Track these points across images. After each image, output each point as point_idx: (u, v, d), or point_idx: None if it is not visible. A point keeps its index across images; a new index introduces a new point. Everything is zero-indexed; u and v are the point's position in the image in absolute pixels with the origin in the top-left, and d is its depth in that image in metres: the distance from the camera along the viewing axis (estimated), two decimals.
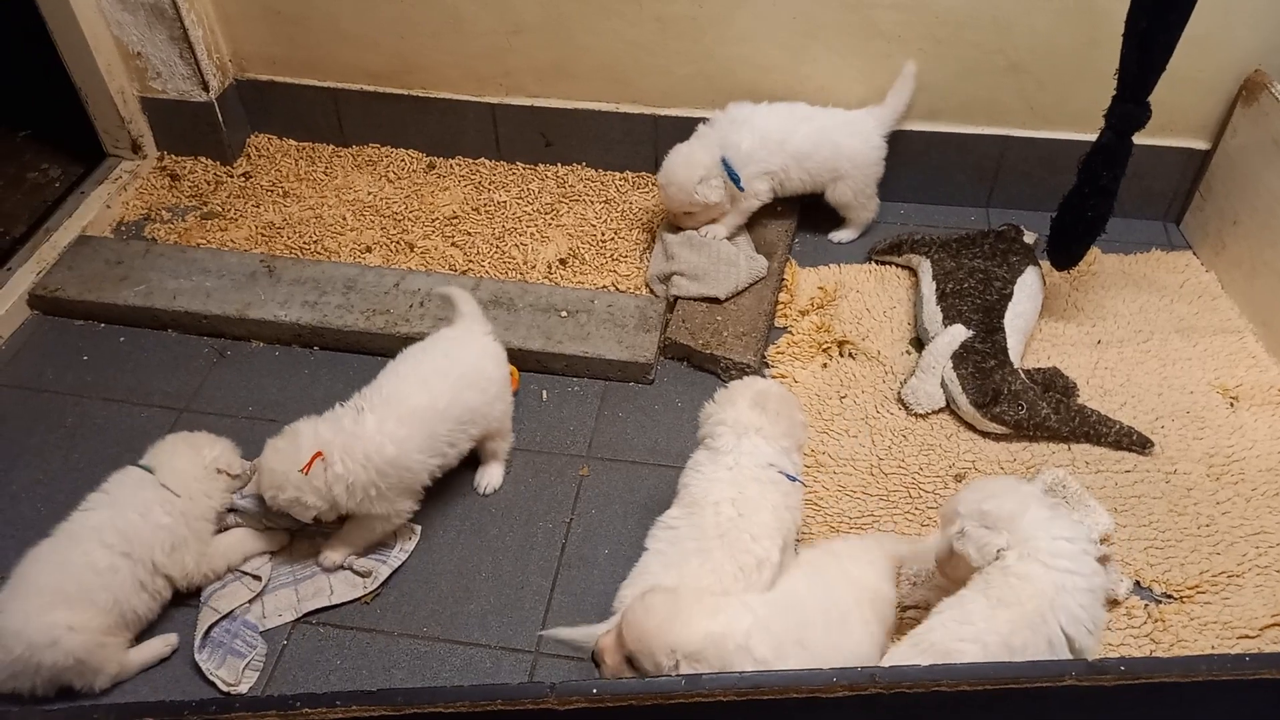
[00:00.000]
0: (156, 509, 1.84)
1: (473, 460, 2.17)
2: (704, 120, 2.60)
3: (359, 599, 1.93)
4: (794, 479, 1.82)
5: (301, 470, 1.81)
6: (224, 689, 1.77)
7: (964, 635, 1.55)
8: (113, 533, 1.79)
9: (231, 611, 1.87)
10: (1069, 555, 1.58)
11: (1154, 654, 1.79)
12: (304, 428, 1.88)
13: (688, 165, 2.48)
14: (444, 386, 1.94)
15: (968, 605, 1.58)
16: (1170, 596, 1.90)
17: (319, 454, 1.81)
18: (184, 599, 1.91)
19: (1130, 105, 2.09)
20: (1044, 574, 1.56)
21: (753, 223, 2.66)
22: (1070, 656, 1.60)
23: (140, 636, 1.84)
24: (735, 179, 2.50)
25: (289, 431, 1.88)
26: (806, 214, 2.77)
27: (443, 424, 1.92)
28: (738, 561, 1.69)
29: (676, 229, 2.61)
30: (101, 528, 1.80)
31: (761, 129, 2.51)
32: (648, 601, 1.54)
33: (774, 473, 1.79)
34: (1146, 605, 1.88)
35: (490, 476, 2.13)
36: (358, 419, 1.87)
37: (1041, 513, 1.62)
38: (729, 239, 2.58)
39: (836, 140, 2.56)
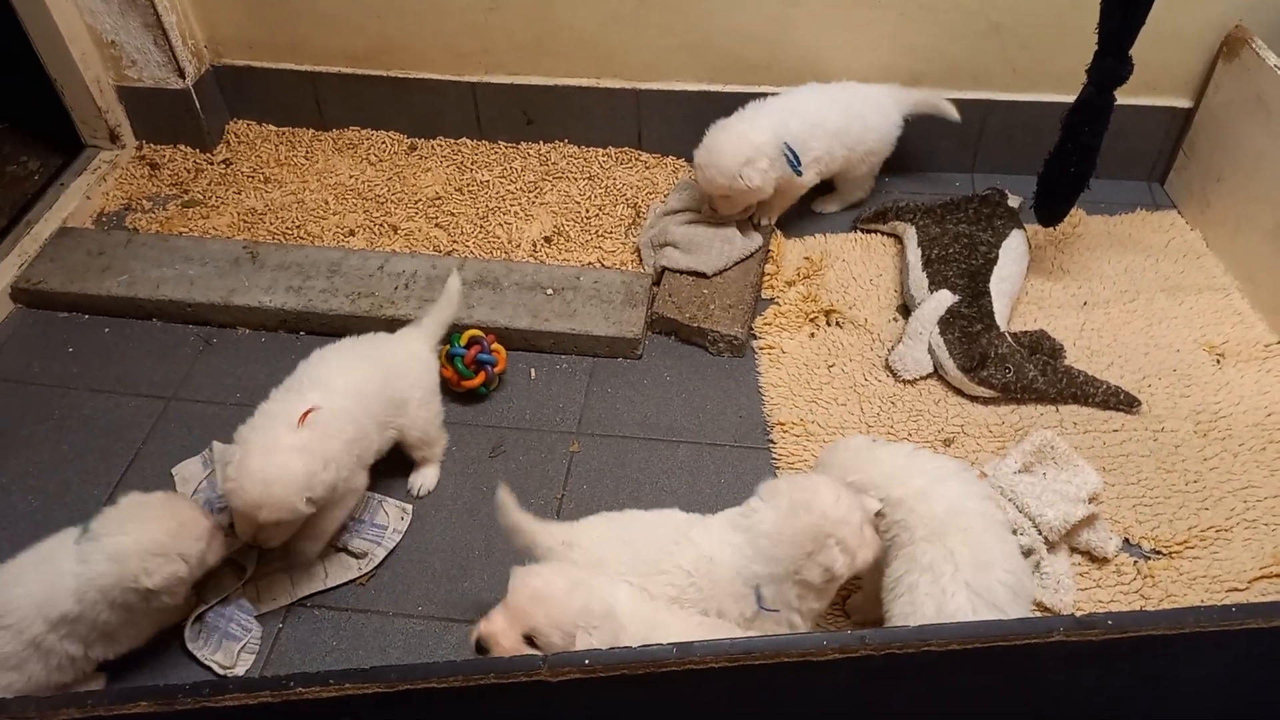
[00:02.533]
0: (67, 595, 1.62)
1: (468, 440, 2.18)
2: (687, 91, 2.59)
3: (354, 580, 1.94)
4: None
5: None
6: (220, 672, 1.78)
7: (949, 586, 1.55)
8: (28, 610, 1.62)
9: (225, 597, 1.87)
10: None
11: (1143, 609, 1.81)
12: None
13: (736, 143, 2.33)
14: (372, 371, 1.92)
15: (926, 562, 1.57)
16: (1159, 553, 1.91)
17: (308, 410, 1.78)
18: None
19: (1111, 60, 2.08)
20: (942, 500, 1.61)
21: None
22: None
23: None
24: (795, 163, 2.40)
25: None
26: None
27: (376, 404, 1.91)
28: None
29: (679, 212, 2.58)
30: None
31: (803, 111, 2.44)
32: (544, 574, 1.51)
33: None
34: (1136, 562, 1.89)
35: (425, 478, 2.09)
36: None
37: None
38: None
39: (865, 115, 2.52)
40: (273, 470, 1.70)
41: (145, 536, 1.65)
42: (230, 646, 1.81)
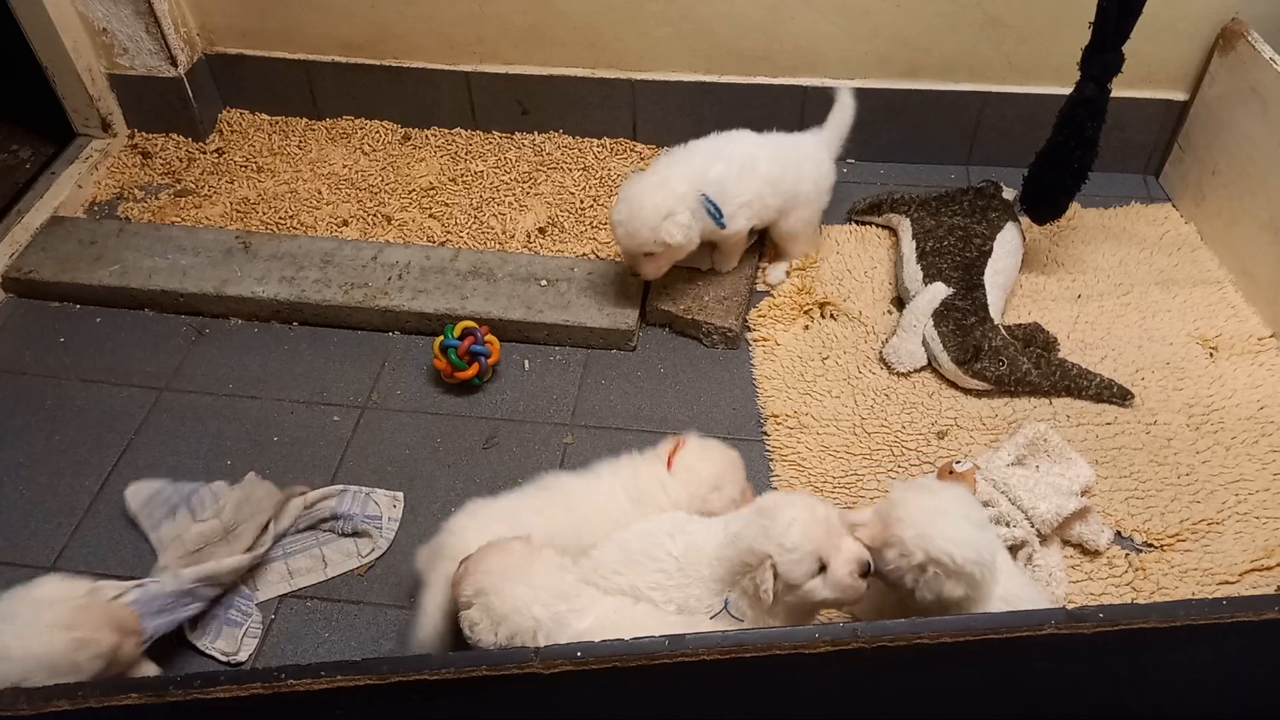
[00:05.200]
0: None
1: (462, 431, 2.17)
2: (683, 82, 2.56)
3: (354, 570, 1.94)
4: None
5: None
6: (224, 659, 1.77)
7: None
8: None
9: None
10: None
11: (1134, 602, 1.82)
12: None
13: (655, 196, 2.15)
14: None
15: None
16: (1151, 545, 1.92)
17: None
18: None
19: (1110, 54, 2.08)
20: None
21: None
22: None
23: None
24: (716, 214, 2.22)
25: None
26: None
27: None
28: None
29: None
30: None
31: (728, 155, 2.26)
32: (511, 543, 1.55)
33: None
34: (1128, 555, 1.90)
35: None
36: None
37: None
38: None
39: (797, 163, 2.37)
40: None
41: (34, 645, 1.49)
42: (232, 633, 1.81)
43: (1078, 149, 2.21)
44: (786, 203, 2.37)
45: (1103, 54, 2.07)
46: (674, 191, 2.17)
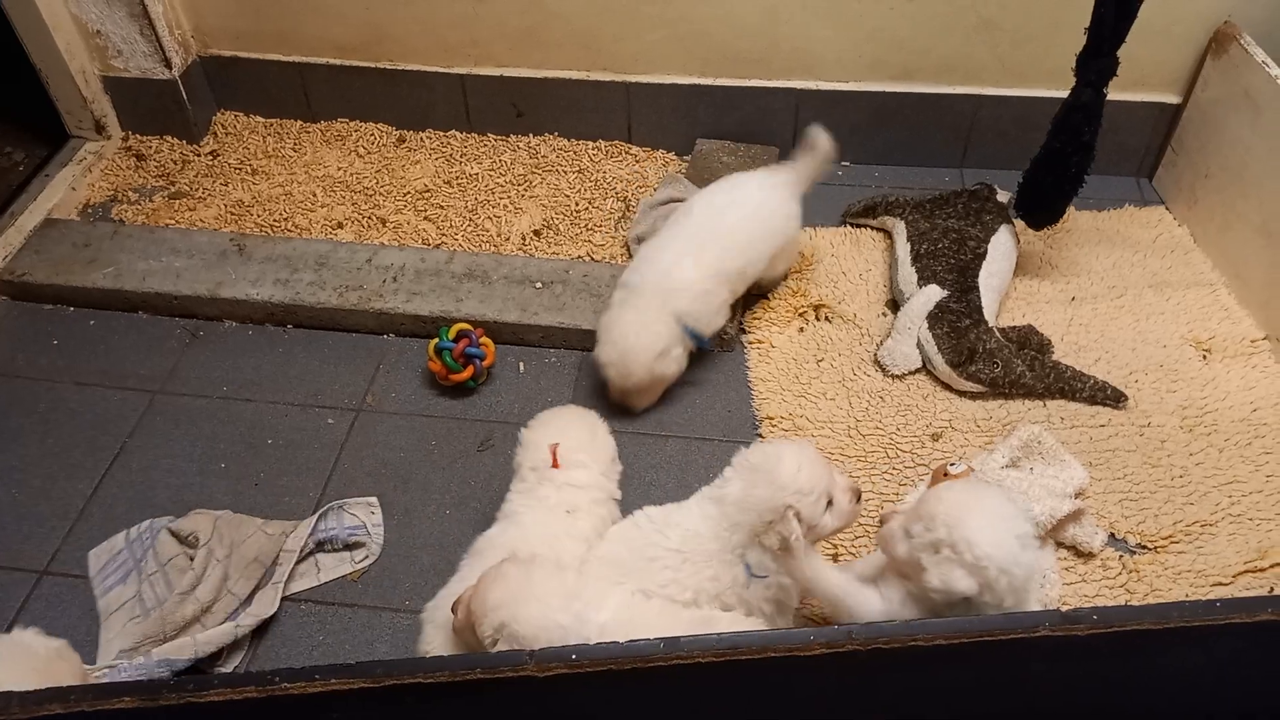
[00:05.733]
0: None
1: (456, 434, 2.17)
2: (678, 84, 2.55)
3: (346, 576, 1.93)
4: None
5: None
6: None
7: None
8: None
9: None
10: None
11: (1128, 604, 1.82)
12: None
13: (641, 338, 2.08)
14: None
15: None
16: (1145, 547, 1.92)
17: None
18: None
19: (1106, 59, 2.09)
20: None
21: None
22: None
23: None
24: (700, 340, 2.19)
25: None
26: None
27: None
28: None
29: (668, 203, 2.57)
30: None
31: (687, 278, 2.13)
32: (502, 569, 1.53)
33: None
34: (1121, 557, 1.90)
35: None
36: None
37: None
38: None
39: (764, 220, 2.25)
40: None
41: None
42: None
43: (1074, 154, 2.21)
44: (765, 271, 2.31)
45: (1099, 59, 2.08)
46: (659, 332, 2.10)
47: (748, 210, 2.24)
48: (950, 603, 1.48)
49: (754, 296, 2.46)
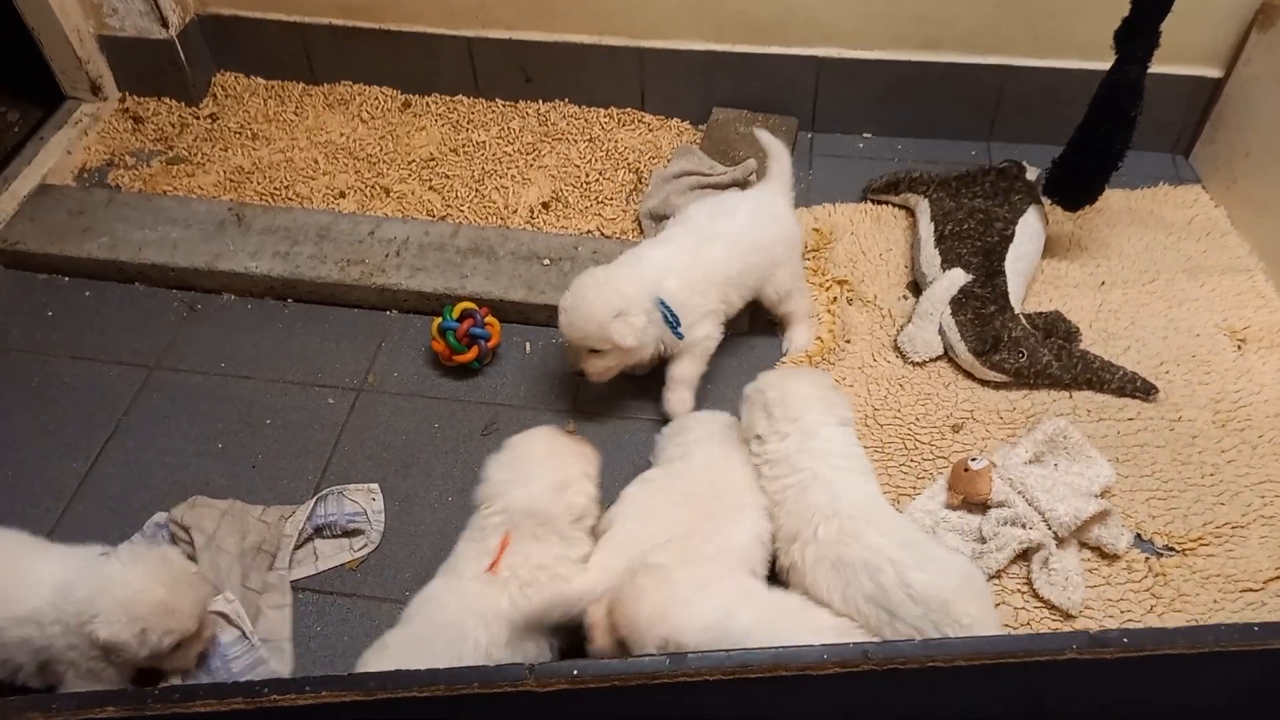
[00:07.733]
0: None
1: (460, 417, 2.11)
2: (693, 50, 2.45)
3: (345, 564, 1.88)
4: None
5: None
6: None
7: None
8: None
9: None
10: None
11: (1154, 609, 1.75)
12: None
13: (603, 291, 1.93)
14: None
15: None
16: (1172, 549, 1.85)
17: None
18: None
19: (1151, 35, 1.97)
20: None
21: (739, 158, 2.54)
22: None
23: None
24: (674, 323, 1.99)
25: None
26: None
27: None
28: None
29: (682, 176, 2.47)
30: None
31: (680, 269, 2.00)
32: (639, 584, 1.49)
33: None
34: (1147, 559, 1.83)
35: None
36: None
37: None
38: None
39: (756, 234, 2.09)
40: None
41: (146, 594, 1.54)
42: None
43: (1119, 131, 2.10)
44: (763, 283, 2.13)
45: (1144, 35, 1.96)
46: (623, 290, 1.94)
47: (732, 221, 2.08)
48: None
49: None
